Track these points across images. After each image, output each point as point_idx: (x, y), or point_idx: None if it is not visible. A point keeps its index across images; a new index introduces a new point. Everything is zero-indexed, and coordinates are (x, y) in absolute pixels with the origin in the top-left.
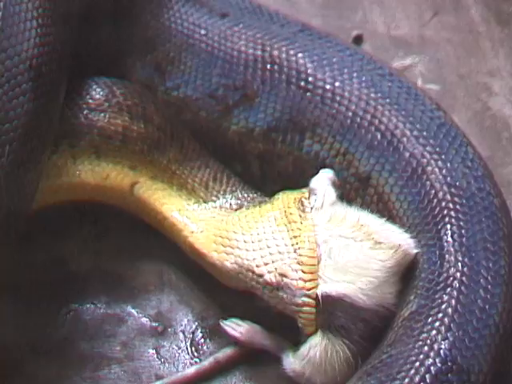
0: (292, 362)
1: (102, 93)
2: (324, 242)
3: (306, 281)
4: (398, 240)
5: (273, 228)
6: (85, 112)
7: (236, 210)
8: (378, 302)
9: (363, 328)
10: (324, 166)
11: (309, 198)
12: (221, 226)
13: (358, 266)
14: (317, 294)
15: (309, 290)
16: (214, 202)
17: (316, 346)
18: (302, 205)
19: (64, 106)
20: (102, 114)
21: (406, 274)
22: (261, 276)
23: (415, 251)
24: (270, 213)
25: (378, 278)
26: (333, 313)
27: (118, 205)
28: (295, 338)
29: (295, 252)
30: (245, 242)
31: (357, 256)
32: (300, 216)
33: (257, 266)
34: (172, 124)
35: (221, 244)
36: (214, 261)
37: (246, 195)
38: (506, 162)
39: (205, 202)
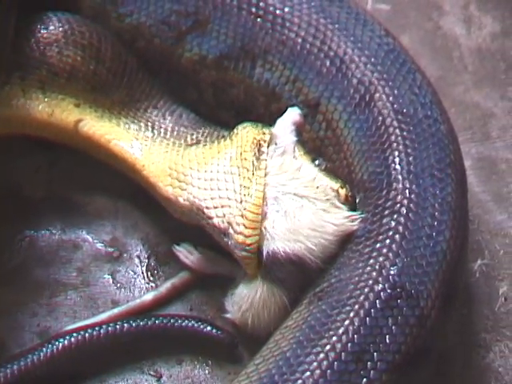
0: (231, 308)
1: (61, 29)
2: (275, 199)
3: (246, 236)
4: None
5: (226, 168)
6: (40, 46)
7: (192, 144)
8: (324, 260)
9: (302, 281)
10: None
11: (268, 143)
12: (177, 159)
13: (312, 229)
14: (260, 249)
15: (249, 245)
16: (165, 138)
17: (253, 293)
18: (259, 150)
19: (22, 38)
20: (56, 50)
21: None
22: (210, 218)
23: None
24: (227, 149)
25: (328, 241)
26: (277, 268)
27: (66, 142)
28: None
29: (241, 202)
30: (198, 179)
31: (311, 219)
32: (253, 164)
33: (206, 208)
34: (127, 66)
35: (176, 179)
36: (168, 195)
37: (201, 130)
38: (457, 82)
39: (155, 138)
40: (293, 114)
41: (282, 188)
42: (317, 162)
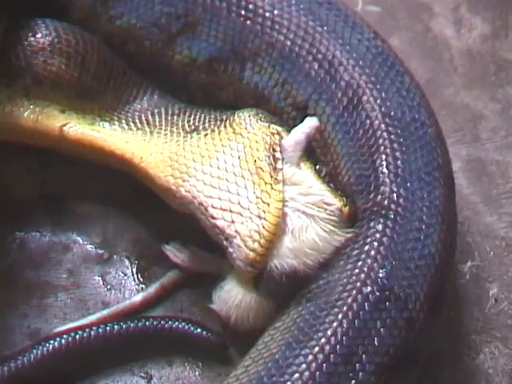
0: (217, 300)
1: (48, 37)
2: (284, 215)
3: (259, 254)
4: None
5: (236, 169)
6: (26, 53)
7: (191, 132)
8: (316, 270)
9: (291, 289)
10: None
11: (280, 146)
12: (178, 151)
13: (313, 249)
14: (263, 265)
15: (258, 262)
16: (161, 129)
17: (241, 297)
18: (274, 157)
19: (8, 45)
20: (41, 59)
21: None
22: (213, 218)
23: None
24: (231, 143)
25: (325, 258)
26: (270, 281)
27: (54, 148)
28: None
29: (259, 218)
30: (203, 173)
31: (314, 240)
32: (271, 176)
33: (212, 207)
34: (113, 70)
35: (177, 169)
36: (169, 185)
37: (197, 116)
38: (447, 83)
39: (151, 132)
40: (309, 126)
41: (292, 203)
42: (317, 167)
